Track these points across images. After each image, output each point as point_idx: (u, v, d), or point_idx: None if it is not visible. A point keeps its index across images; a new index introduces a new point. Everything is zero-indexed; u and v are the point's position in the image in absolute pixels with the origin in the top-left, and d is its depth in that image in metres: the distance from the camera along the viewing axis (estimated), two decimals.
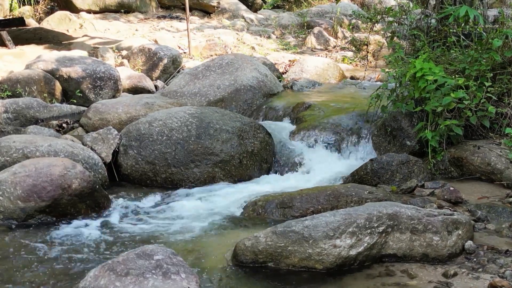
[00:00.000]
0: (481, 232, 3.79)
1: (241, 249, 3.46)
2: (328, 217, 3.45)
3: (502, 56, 4.99)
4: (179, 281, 2.80)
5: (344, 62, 9.33)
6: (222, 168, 5.16)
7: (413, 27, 6.27)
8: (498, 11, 6.07)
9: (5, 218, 4.08)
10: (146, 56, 8.28)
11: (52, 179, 4.17)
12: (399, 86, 5.36)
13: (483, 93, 4.80)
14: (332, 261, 3.32)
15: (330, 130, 5.72)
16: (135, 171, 5.19)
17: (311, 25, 11.19)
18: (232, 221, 4.30)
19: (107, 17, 11.51)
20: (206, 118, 5.36)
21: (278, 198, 4.38)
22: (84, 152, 4.91)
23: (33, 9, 11.82)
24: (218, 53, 9.30)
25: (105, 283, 2.77)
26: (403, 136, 5.23)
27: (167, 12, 12.69)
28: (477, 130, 4.99)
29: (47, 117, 6.11)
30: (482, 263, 3.34)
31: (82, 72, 6.98)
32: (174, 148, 5.16)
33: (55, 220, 4.17)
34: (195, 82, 6.98)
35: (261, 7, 14.13)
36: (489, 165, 4.61)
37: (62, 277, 3.36)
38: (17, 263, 3.53)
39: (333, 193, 4.26)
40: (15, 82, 6.65)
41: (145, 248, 3.00)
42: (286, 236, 3.38)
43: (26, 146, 4.73)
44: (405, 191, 4.51)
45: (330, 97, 6.92)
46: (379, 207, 3.53)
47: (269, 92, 7.03)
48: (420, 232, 3.44)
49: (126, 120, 5.81)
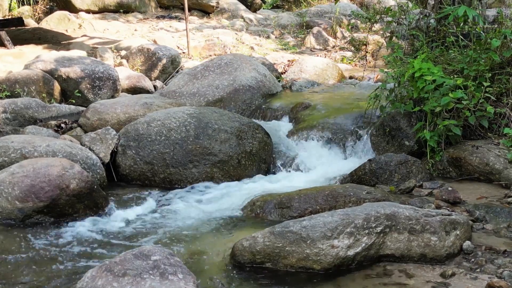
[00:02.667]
0: (479, 232, 3.79)
1: (239, 249, 3.46)
2: (326, 217, 3.45)
3: (500, 56, 4.99)
4: (176, 281, 2.80)
5: (343, 62, 9.33)
6: (220, 168, 5.16)
7: (412, 27, 6.27)
8: (497, 11, 6.07)
9: (3, 219, 4.07)
10: (145, 56, 8.28)
11: (50, 180, 4.16)
12: (397, 86, 5.36)
13: (481, 93, 4.81)
14: (330, 261, 3.32)
15: (329, 130, 5.72)
16: (133, 171, 5.18)
17: (310, 25, 11.19)
18: (230, 221, 4.30)
19: (106, 17, 11.51)
20: (205, 118, 5.35)
21: (276, 199, 4.37)
22: (82, 152, 4.90)
23: (32, 9, 11.83)
24: (217, 53, 9.30)
25: (103, 284, 2.77)
26: (402, 136, 5.23)
27: (166, 12, 12.69)
28: (476, 130, 4.99)
29: (45, 117, 6.10)
30: (480, 264, 3.33)
31: (81, 72, 6.97)
32: (172, 148, 5.16)
33: (53, 221, 4.16)
34: (194, 82, 6.98)
35: (260, 7, 14.14)
36: (488, 165, 4.61)
37: (59, 277, 3.36)
38: (14, 264, 3.53)
39: (331, 193, 4.25)
40: (13, 82, 6.65)
41: (143, 249, 3.00)
42: (284, 236, 3.38)
43: (24, 146, 4.72)
44: (404, 191, 4.51)
45: (329, 97, 6.92)
46: (377, 208, 3.52)
47: (268, 92, 7.03)
48: (418, 232, 3.44)
49: (125, 120, 5.81)
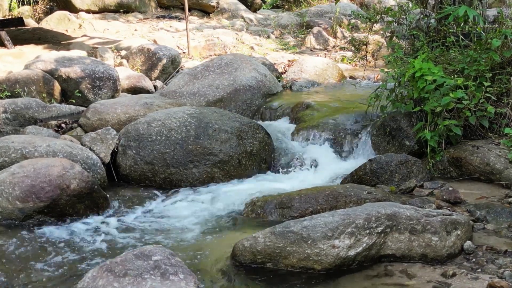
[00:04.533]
0: (480, 232, 3.79)
1: (240, 249, 3.46)
2: (326, 217, 3.45)
3: (501, 56, 4.99)
4: (177, 281, 2.80)
5: (343, 62, 9.33)
6: (221, 168, 5.15)
7: (412, 27, 6.26)
8: (497, 11, 6.07)
9: (3, 219, 4.07)
10: (145, 56, 8.28)
11: (51, 180, 4.16)
12: (398, 86, 5.36)
13: (482, 93, 4.80)
14: (331, 261, 3.31)
15: (329, 130, 5.72)
16: (134, 171, 5.18)
17: (310, 25, 11.19)
18: (231, 221, 4.30)
19: (106, 17, 11.51)
20: (205, 118, 5.35)
21: (277, 199, 4.37)
22: (82, 153, 4.90)
23: (32, 9, 11.82)
24: (217, 53, 9.30)
25: (103, 284, 2.77)
26: (402, 136, 5.22)
27: (166, 12, 12.69)
28: (476, 130, 4.99)
29: (46, 118, 6.10)
30: (481, 264, 3.33)
31: (81, 72, 6.97)
32: (173, 149, 5.16)
33: (54, 221, 4.16)
34: (194, 82, 6.97)
35: (260, 7, 14.14)
36: (488, 165, 4.61)
37: (60, 278, 3.36)
38: (15, 264, 3.52)
39: (332, 194, 4.25)
40: (14, 82, 6.65)
41: (144, 249, 3.00)
42: (285, 236, 3.37)
43: (25, 146, 4.72)
44: (404, 191, 4.51)
45: (330, 97, 6.92)
46: (378, 208, 3.52)
47: (268, 92, 7.03)
48: (419, 232, 3.43)
49: (125, 120, 5.81)
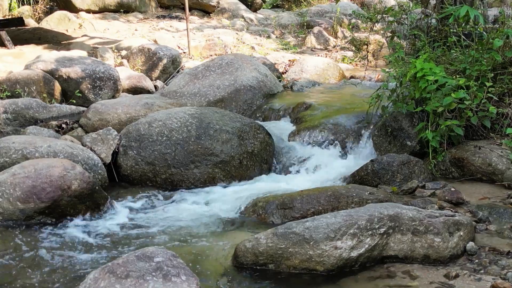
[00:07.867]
0: (483, 233, 3.78)
1: (242, 250, 3.45)
2: (329, 218, 3.44)
3: (503, 56, 4.98)
4: (179, 283, 2.79)
5: (344, 62, 9.32)
6: (222, 169, 5.14)
7: (414, 27, 6.25)
8: (499, 11, 6.06)
9: (4, 220, 4.06)
10: (146, 56, 8.27)
11: (52, 180, 4.14)
12: (399, 86, 5.35)
13: (484, 93, 4.79)
14: (333, 262, 3.31)
15: (330, 130, 5.71)
16: (134, 172, 5.17)
17: (310, 25, 11.18)
18: (232, 222, 4.29)
19: (107, 17, 11.50)
20: (206, 119, 5.34)
21: (278, 199, 4.36)
22: (83, 153, 4.89)
23: (32, 9, 11.80)
24: (217, 53, 9.29)
25: (105, 286, 2.75)
26: (404, 137, 5.21)
27: (166, 12, 12.68)
28: (478, 131, 4.97)
29: (46, 118, 6.09)
30: (483, 265, 3.32)
31: (81, 72, 6.96)
32: (174, 149, 5.14)
33: (55, 221, 4.15)
34: (195, 82, 6.96)
35: (260, 6, 14.14)
36: (490, 166, 4.59)
37: (61, 279, 3.35)
38: (16, 265, 3.51)
39: (333, 194, 4.24)
40: (14, 82, 6.63)
41: (145, 250, 2.98)
42: (287, 237, 3.36)
43: (26, 147, 4.70)
44: (406, 192, 4.50)
45: (330, 97, 6.91)
46: (380, 208, 3.51)
47: (269, 92, 7.02)
48: (422, 233, 3.42)
49: (126, 120, 5.80)
